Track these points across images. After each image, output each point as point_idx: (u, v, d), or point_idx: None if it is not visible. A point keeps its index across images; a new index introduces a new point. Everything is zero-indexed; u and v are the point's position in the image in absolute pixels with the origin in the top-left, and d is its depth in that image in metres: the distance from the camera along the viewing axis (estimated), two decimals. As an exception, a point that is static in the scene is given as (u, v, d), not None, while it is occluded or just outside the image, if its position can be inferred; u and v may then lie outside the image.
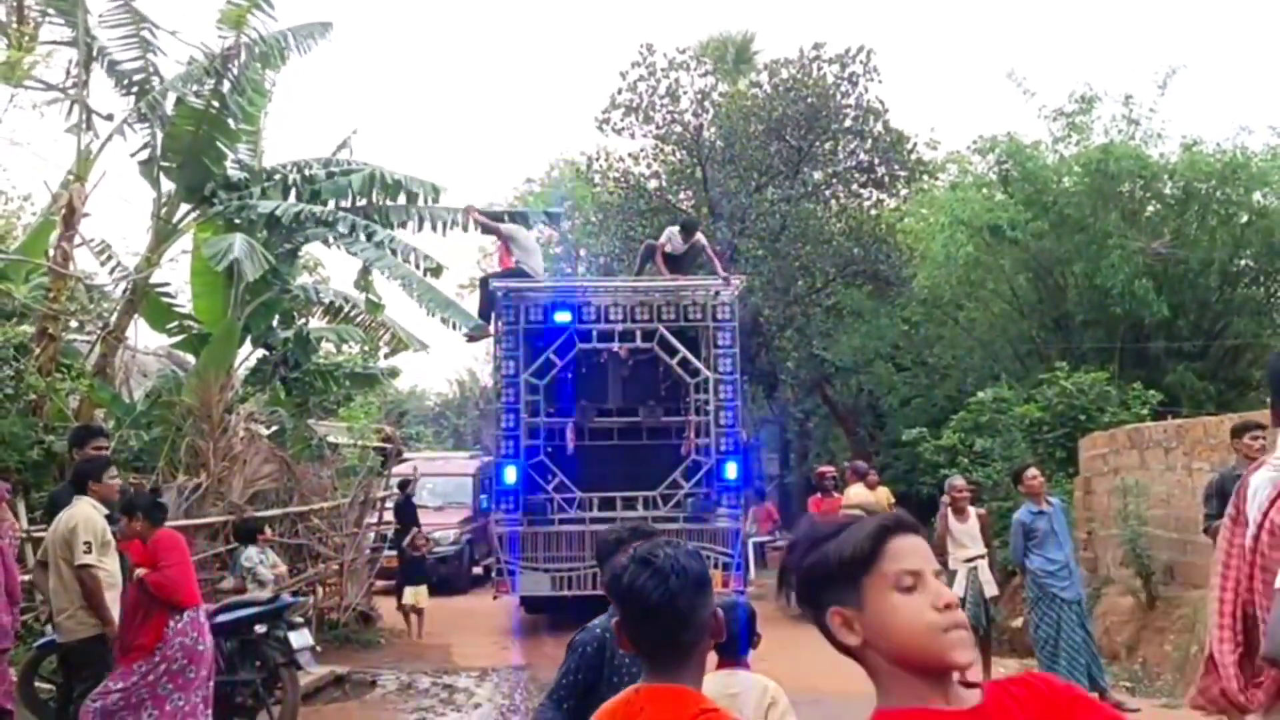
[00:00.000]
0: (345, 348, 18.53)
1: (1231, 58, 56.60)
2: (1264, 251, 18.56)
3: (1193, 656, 9.19)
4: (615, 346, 13.26)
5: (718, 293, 13.27)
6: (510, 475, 12.84)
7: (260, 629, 7.77)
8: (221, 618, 7.77)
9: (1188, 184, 18.42)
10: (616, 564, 2.31)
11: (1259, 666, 3.01)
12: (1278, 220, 17.98)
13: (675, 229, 14.29)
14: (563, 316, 12.96)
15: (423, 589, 12.91)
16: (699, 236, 14.28)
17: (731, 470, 12.97)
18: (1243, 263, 19.18)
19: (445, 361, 59.24)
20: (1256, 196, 18.41)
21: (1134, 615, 11.04)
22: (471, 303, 30.55)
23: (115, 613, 6.64)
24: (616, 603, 2.27)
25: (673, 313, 13.19)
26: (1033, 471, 9.01)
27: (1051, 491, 10.54)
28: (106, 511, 6.76)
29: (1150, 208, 19.53)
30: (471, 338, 14.99)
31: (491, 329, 13.85)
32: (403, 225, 13.19)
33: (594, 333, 13.11)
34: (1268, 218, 18.10)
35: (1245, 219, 18.39)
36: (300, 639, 7.92)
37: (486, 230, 14.32)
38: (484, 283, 14.22)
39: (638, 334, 13.10)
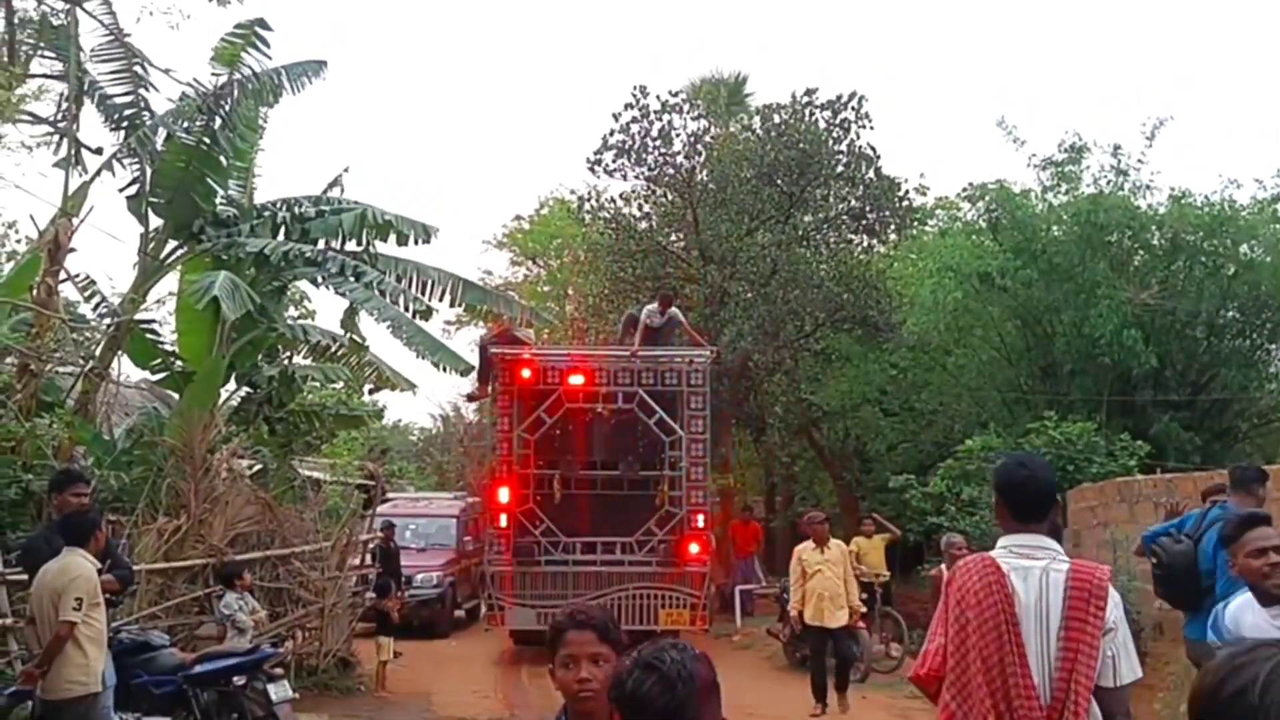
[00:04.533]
0: (329, 386, 18.41)
1: (1219, 111, 57.35)
2: (1250, 304, 18.63)
3: (1181, 715, 9.07)
4: (599, 407, 14.67)
5: (692, 361, 14.83)
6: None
7: (239, 680, 7.59)
8: (200, 668, 7.60)
9: (1175, 235, 18.51)
10: (620, 667, 2.18)
11: None
12: (1264, 273, 18.04)
13: (654, 305, 15.71)
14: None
15: (389, 641, 12.72)
16: (674, 310, 15.81)
17: (700, 520, 14.56)
18: (1230, 314, 19.23)
19: (428, 397, 58.94)
20: (1243, 249, 18.51)
21: (1123, 671, 10.89)
22: (458, 341, 30.32)
23: (100, 666, 6.49)
24: (618, 709, 2.13)
25: (651, 378, 14.74)
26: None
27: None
28: (99, 566, 6.63)
29: (1138, 258, 19.59)
30: (471, 397, 17.13)
31: (489, 390, 15.35)
32: (397, 278, 13.05)
33: (580, 394, 14.60)
34: (1254, 270, 18.17)
35: (1232, 271, 18.46)
36: (280, 691, 7.73)
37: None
38: (483, 349, 15.53)
39: (619, 396, 14.63)
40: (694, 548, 14.44)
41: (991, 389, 20.10)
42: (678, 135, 21.45)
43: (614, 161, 21.48)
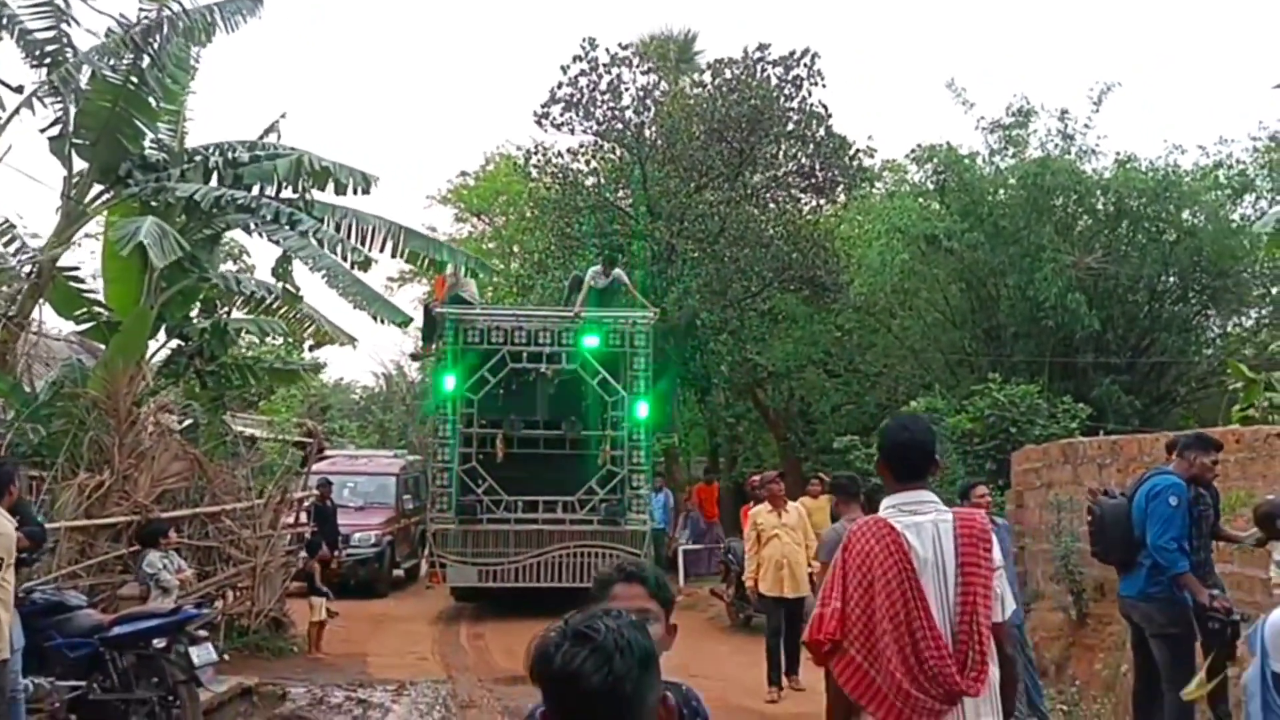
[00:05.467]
0: (269, 340, 17.86)
1: (1164, 78, 57.88)
2: (1191, 270, 18.80)
3: (1122, 675, 9.10)
4: (543, 367, 14.93)
5: (635, 322, 15.06)
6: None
7: (159, 643, 7.22)
8: (118, 630, 7.23)
9: (1120, 200, 18.58)
10: (545, 639, 1.85)
11: None
12: (1204, 239, 18.19)
13: (598, 267, 15.85)
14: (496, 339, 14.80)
15: (321, 602, 12.40)
16: (618, 272, 15.94)
17: (641, 478, 14.84)
18: (1170, 280, 19.40)
19: (371, 355, 58.09)
20: (1185, 215, 18.64)
21: (1064, 632, 10.96)
22: (400, 298, 29.85)
23: (8, 630, 6.14)
24: (545, 688, 1.83)
25: (595, 339, 14.86)
26: (982, 490, 8.68)
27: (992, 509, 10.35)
28: (15, 524, 6.27)
29: (1082, 222, 19.68)
30: (415, 356, 15.76)
31: (434, 348, 15.55)
32: (336, 226, 12.48)
33: (525, 354, 14.81)
34: (1195, 236, 18.31)
35: (1174, 237, 18.60)
36: (203, 654, 7.38)
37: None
38: (427, 309, 15.68)
39: (564, 357, 14.85)
40: (635, 506, 14.64)
41: (935, 351, 20.13)
42: (627, 90, 21.09)
43: (561, 115, 21.10)
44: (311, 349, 16.61)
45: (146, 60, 10.97)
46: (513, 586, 14.45)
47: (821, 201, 22.98)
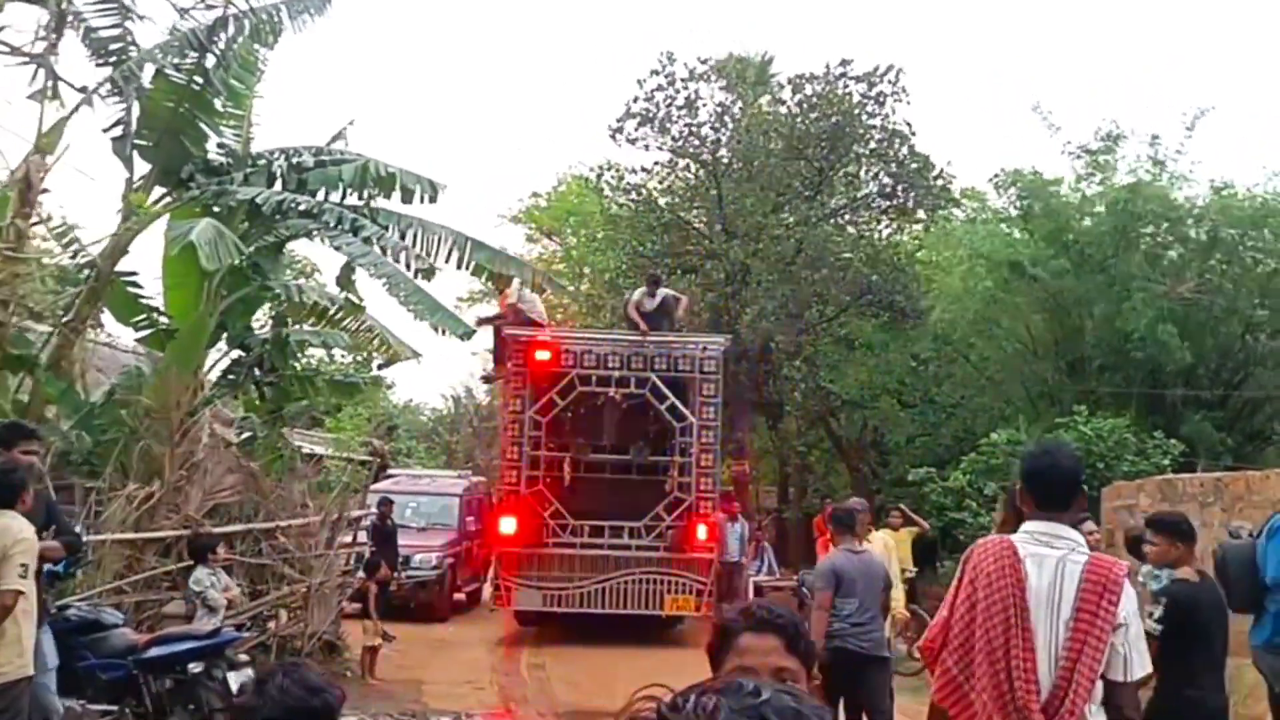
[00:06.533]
0: (338, 354, 17.63)
1: (1261, 102, 56.04)
2: (1290, 301, 17.86)
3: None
4: (611, 391, 14.72)
5: (705, 348, 14.89)
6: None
7: (196, 667, 6.76)
8: (153, 652, 6.79)
9: (1215, 228, 17.74)
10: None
11: None
12: (1305, 270, 17.29)
13: (644, 289, 15.66)
14: (543, 354, 14.47)
15: (373, 624, 11.90)
16: (666, 291, 15.73)
17: (708, 507, 14.61)
18: (1266, 313, 18.45)
19: (442, 376, 58.02)
20: (1284, 244, 17.74)
21: (1163, 681, 10.13)
22: (469, 316, 29.86)
23: (31, 645, 5.76)
24: None
25: (664, 364, 14.67)
26: (1090, 525, 7.97)
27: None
28: (33, 530, 5.91)
29: (1174, 251, 18.83)
30: (487, 379, 18.09)
31: (505, 370, 15.49)
32: (400, 234, 12.08)
33: (593, 378, 14.58)
34: (1294, 266, 17.42)
35: (1272, 267, 17.70)
36: (241, 680, 6.92)
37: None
38: (497, 330, 15.79)
39: (632, 381, 14.62)
40: (701, 534, 14.42)
41: (1015, 382, 19.43)
42: (704, 106, 20.70)
43: (636, 130, 20.74)
44: (381, 366, 16.32)
45: (211, 60, 10.72)
46: (577, 612, 14.32)
47: (902, 224, 22.37)
